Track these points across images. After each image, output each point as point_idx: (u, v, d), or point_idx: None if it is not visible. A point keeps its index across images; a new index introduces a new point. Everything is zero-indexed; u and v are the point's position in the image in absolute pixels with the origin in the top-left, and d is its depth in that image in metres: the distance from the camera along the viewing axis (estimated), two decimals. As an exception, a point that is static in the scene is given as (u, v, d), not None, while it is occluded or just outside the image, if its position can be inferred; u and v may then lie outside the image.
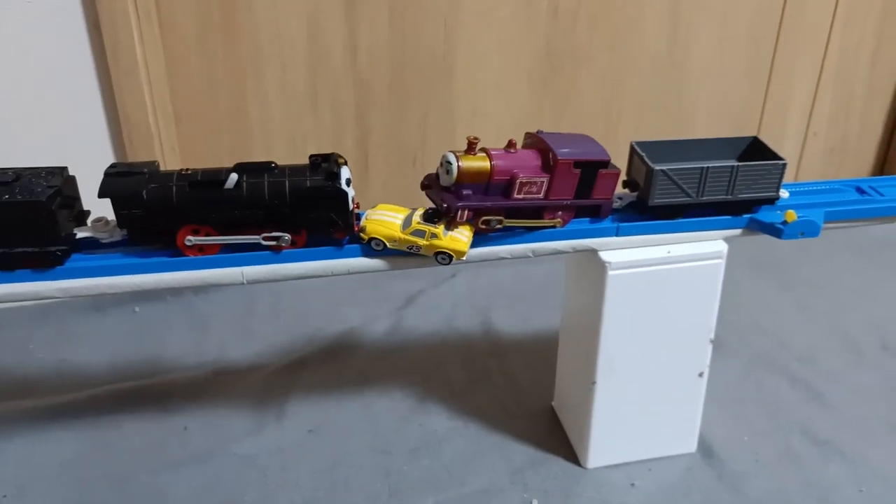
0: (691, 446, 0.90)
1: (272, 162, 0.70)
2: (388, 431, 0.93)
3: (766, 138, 0.80)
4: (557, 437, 0.92)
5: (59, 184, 0.68)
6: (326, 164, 0.70)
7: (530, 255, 0.76)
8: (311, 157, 0.71)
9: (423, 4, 1.17)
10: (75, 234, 0.71)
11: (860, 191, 0.83)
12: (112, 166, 0.70)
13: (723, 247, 0.78)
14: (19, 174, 0.68)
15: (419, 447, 0.91)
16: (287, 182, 0.69)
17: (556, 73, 1.27)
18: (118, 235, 0.72)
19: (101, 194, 0.67)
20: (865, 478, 0.87)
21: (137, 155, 1.16)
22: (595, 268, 0.77)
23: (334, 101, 1.22)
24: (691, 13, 1.26)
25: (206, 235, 0.70)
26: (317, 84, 1.20)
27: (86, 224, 0.73)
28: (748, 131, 1.40)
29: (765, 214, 0.78)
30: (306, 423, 0.95)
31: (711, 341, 0.83)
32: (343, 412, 0.96)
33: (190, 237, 0.69)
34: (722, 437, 0.92)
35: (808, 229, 0.76)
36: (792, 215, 0.76)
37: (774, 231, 0.77)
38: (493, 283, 1.23)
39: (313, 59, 1.18)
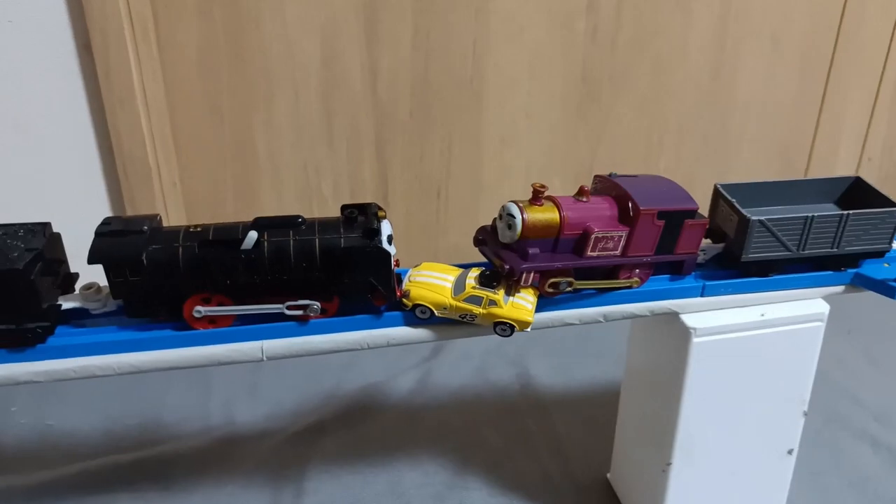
0: (774, 530, 0.78)
1: (299, 216, 0.58)
2: (422, 513, 0.81)
3: (817, 168, 0.68)
4: (618, 519, 0.80)
5: (41, 246, 0.56)
6: (363, 219, 0.59)
7: (601, 320, 0.64)
8: (344, 208, 0.60)
9: (450, 24, 1.06)
10: (60, 305, 0.59)
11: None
12: (105, 223, 0.58)
13: (824, 307, 0.67)
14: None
15: (459, 532, 0.79)
16: (317, 241, 0.57)
17: (593, 100, 1.16)
18: (112, 305, 0.60)
19: (92, 259, 0.56)
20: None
21: (134, 192, 1.04)
22: (676, 333, 0.66)
23: (351, 129, 1.11)
24: (739, 36, 1.16)
25: (219, 305, 0.58)
26: (332, 111, 1.09)
27: (73, 291, 0.61)
28: (797, 160, 1.30)
29: (873, 269, 0.67)
30: (329, 502, 0.82)
31: (805, 414, 0.71)
32: (370, 488, 0.84)
33: (199, 307, 0.58)
34: (806, 517, 0.80)
35: (925, 287, 0.65)
36: (908, 271, 0.65)
37: (887, 290, 0.65)
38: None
39: (328, 84, 1.07)
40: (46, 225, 0.59)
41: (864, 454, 0.90)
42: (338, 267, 0.58)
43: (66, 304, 0.60)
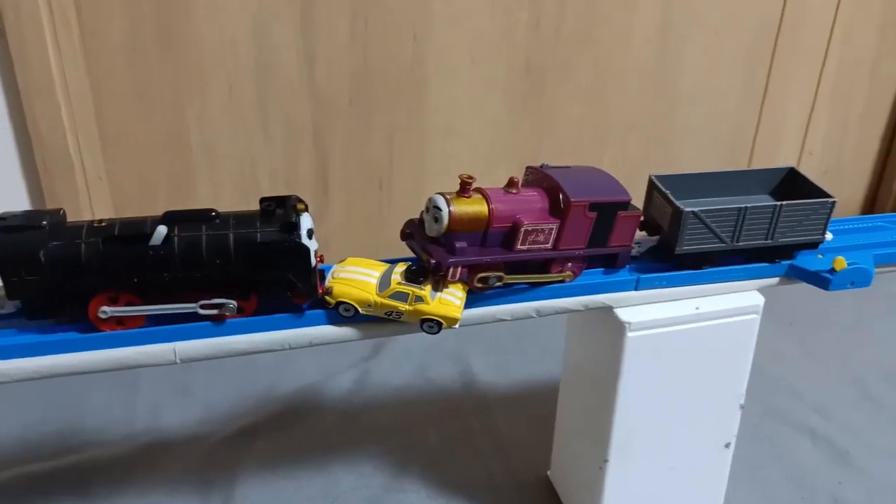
0: (713, 525, 0.77)
1: (212, 210, 0.55)
2: (356, 518, 0.78)
3: (759, 160, 0.68)
4: (557, 517, 0.79)
5: None
6: (282, 212, 0.55)
7: (534, 315, 0.62)
8: (263, 201, 0.56)
9: (390, 9, 1.03)
10: None
11: (906, 229, 0.72)
12: (19, 215, 0.53)
13: (759, 300, 0.66)
14: None
15: (395, 537, 0.76)
16: (231, 236, 0.54)
17: (537, 91, 1.14)
18: (10, 307, 0.56)
19: None
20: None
21: (55, 186, 0.99)
22: (610, 327, 0.64)
23: (288, 119, 1.07)
24: (683, 28, 1.15)
25: (128, 304, 0.55)
26: (268, 100, 1.05)
27: None
28: (741, 151, 1.30)
29: (807, 261, 0.66)
30: (259, 509, 0.79)
31: (742, 407, 0.70)
32: (303, 493, 0.81)
33: (105, 308, 0.54)
34: (745, 511, 0.80)
35: (858, 278, 0.65)
36: (841, 263, 0.64)
37: (820, 281, 0.65)
38: (468, 327, 1.09)
39: (263, 72, 1.03)
40: None
41: (804, 447, 0.89)
42: (255, 263, 0.55)
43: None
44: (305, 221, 0.56)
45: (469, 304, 0.60)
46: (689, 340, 0.65)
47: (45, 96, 0.94)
